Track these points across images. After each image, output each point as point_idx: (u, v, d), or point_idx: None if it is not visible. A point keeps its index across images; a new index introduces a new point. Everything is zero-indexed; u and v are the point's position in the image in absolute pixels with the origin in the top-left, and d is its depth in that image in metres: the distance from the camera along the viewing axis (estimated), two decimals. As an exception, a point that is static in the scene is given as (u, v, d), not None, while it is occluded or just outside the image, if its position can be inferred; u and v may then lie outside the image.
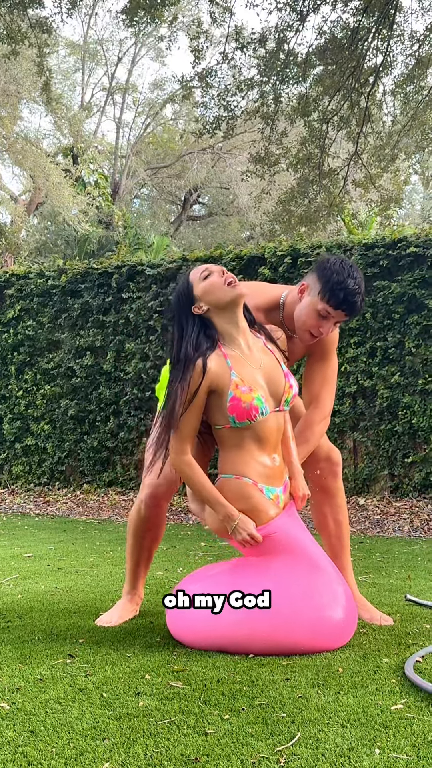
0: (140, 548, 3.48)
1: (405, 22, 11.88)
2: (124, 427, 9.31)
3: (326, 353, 3.44)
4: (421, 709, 2.24)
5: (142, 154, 23.89)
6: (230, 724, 2.14)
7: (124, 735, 2.07)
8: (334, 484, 3.47)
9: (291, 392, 3.08)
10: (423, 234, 8.02)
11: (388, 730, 2.09)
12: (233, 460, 3.02)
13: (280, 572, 2.91)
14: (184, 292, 3.07)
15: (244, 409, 2.94)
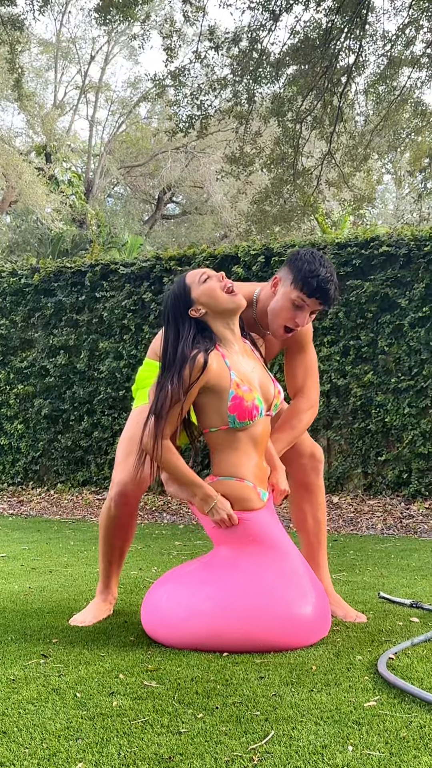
0: (111, 547, 3.47)
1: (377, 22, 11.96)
2: (98, 426, 9.29)
3: (303, 345, 3.45)
4: (394, 706, 2.26)
5: (116, 153, 23.83)
6: (204, 723, 2.14)
7: (98, 735, 2.07)
8: (317, 481, 3.48)
9: (279, 397, 3.14)
10: (395, 233, 8.06)
11: (361, 727, 2.10)
12: (233, 462, 3.03)
13: (251, 568, 2.92)
14: (180, 294, 3.07)
15: (246, 407, 2.96)
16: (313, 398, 3.43)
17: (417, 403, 7.71)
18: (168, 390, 2.94)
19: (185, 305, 3.05)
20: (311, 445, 3.47)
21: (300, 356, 3.46)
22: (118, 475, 3.35)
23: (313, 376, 3.47)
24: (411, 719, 2.15)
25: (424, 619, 3.38)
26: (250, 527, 2.99)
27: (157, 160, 23.47)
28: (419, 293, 7.67)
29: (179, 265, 8.92)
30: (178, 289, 3.09)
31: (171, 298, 3.09)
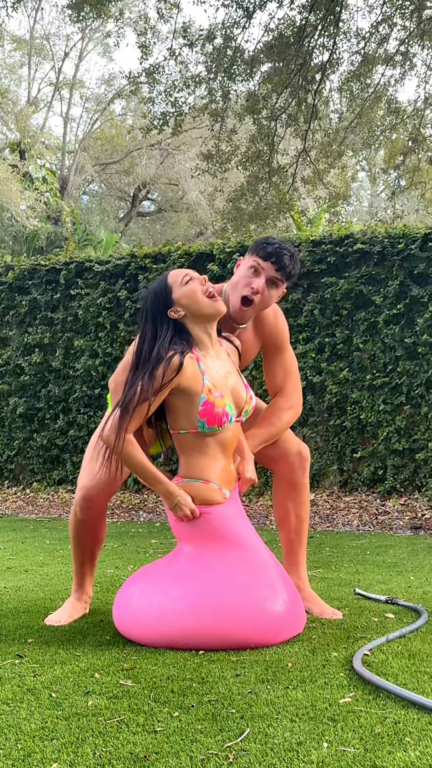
0: (82, 549, 3.46)
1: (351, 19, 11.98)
2: (74, 424, 9.26)
3: (280, 347, 3.45)
4: (369, 702, 2.27)
5: (91, 150, 23.74)
6: (180, 722, 2.14)
7: (73, 735, 2.07)
8: (302, 479, 3.47)
9: (251, 403, 3.14)
10: (369, 231, 8.09)
11: (336, 724, 2.10)
12: (199, 466, 3.04)
13: (219, 565, 2.92)
14: (161, 294, 3.05)
15: (216, 414, 2.96)
16: (295, 399, 3.44)
17: (392, 399, 7.74)
18: (138, 387, 2.93)
19: (165, 305, 3.04)
20: (298, 443, 3.47)
21: (278, 357, 3.46)
22: (82, 479, 3.35)
23: (293, 377, 3.47)
24: (386, 715, 2.16)
25: (399, 615, 3.40)
26: (211, 521, 3.00)
27: (132, 157, 23.40)
28: (393, 290, 7.71)
29: (154, 263, 8.91)
30: (159, 287, 3.07)
31: (151, 295, 3.08)
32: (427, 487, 7.54)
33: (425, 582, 4.29)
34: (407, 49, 11.31)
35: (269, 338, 3.42)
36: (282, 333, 3.44)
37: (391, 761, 1.87)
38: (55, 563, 5.09)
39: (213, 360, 3.08)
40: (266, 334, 3.41)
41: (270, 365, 3.48)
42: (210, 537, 2.99)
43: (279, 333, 3.43)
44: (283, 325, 3.44)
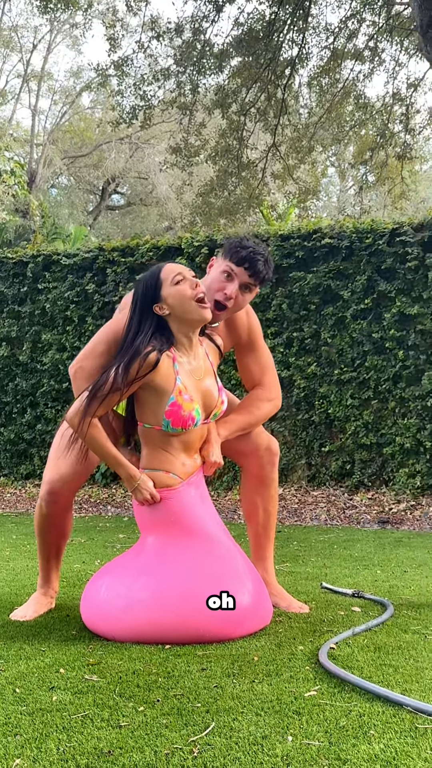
0: (47, 544, 3.44)
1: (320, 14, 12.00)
2: (42, 419, 9.21)
3: (253, 343, 3.43)
4: (334, 696, 2.27)
5: (59, 143, 23.60)
6: (145, 716, 2.13)
7: (37, 730, 2.05)
8: (271, 474, 3.46)
9: (221, 407, 3.13)
10: (337, 226, 8.11)
11: (302, 717, 2.10)
12: (159, 459, 3.04)
13: (185, 555, 2.92)
14: (151, 287, 3.02)
15: (182, 416, 2.96)
16: (275, 392, 3.44)
17: (359, 394, 7.78)
18: (111, 377, 2.92)
19: (152, 299, 3.01)
20: (268, 438, 3.46)
21: (252, 354, 3.44)
22: (48, 474, 3.32)
23: (269, 372, 3.46)
24: (351, 708, 2.16)
25: (365, 608, 3.41)
26: (172, 506, 3.00)
27: (101, 150, 23.29)
28: (361, 285, 7.74)
29: (122, 257, 8.88)
30: (150, 280, 3.03)
31: (141, 286, 3.05)
32: (395, 482, 7.58)
33: (391, 576, 4.32)
34: (376, 45, 11.35)
35: (242, 336, 3.41)
36: (255, 331, 3.43)
37: (355, 754, 1.87)
38: (22, 558, 5.06)
39: (190, 361, 3.06)
40: (239, 333, 3.39)
41: (244, 362, 3.46)
42: (172, 524, 2.98)
43: (252, 331, 3.42)
44: (255, 322, 3.43)
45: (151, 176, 22.73)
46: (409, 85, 11.85)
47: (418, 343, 7.52)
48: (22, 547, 5.56)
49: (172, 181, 21.03)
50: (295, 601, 3.44)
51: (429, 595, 3.73)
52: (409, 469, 7.51)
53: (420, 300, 7.54)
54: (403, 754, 1.87)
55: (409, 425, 7.51)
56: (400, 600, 3.61)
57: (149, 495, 2.98)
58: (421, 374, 7.53)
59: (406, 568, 4.59)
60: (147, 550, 3.01)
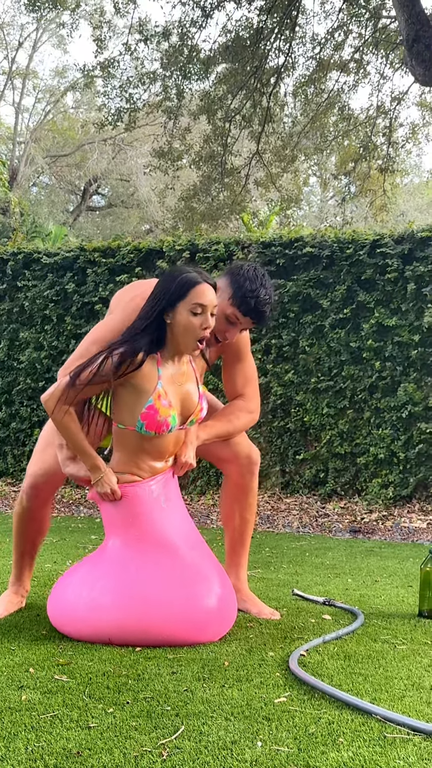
0: (24, 539, 3.43)
1: (307, 24, 12.07)
2: (16, 417, 9.16)
3: (241, 354, 3.44)
4: (304, 702, 2.28)
5: (42, 142, 23.52)
6: (114, 718, 2.13)
7: (5, 729, 2.04)
8: (251, 483, 3.45)
9: (199, 414, 3.11)
10: (319, 235, 8.14)
11: (271, 723, 2.11)
12: (128, 464, 3.03)
13: (148, 558, 2.91)
14: (174, 295, 2.93)
15: (157, 421, 2.94)
16: (253, 405, 3.42)
17: (335, 403, 7.81)
18: (95, 368, 2.92)
19: (167, 304, 2.94)
20: (249, 446, 3.44)
21: (238, 365, 3.44)
22: (32, 467, 3.31)
23: (252, 384, 3.46)
24: (320, 715, 2.17)
25: (335, 616, 3.42)
26: (132, 506, 2.99)
27: (83, 150, 23.25)
28: (341, 295, 7.77)
29: (103, 257, 8.86)
30: (177, 289, 2.93)
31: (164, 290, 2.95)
32: (367, 492, 7.62)
33: (362, 585, 4.33)
34: (362, 57, 11.42)
35: (230, 347, 3.41)
36: (244, 342, 3.44)
37: (324, 761, 1.88)
38: (-8, 557, 5.03)
39: (174, 366, 3.04)
40: (228, 345, 3.38)
41: (230, 372, 3.46)
42: (132, 526, 2.97)
43: (241, 343, 3.42)
44: (245, 334, 3.43)
45: (133, 179, 22.72)
46: (393, 99, 11.94)
47: (395, 354, 7.56)
48: (-7, 546, 5.53)
49: (154, 184, 21.04)
50: (266, 608, 3.44)
51: (399, 605, 3.75)
52: (382, 480, 7.55)
53: (398, 312, 7.59)
54: (371, 762, 1.88)
55: (384, 436, 7.55)
56: (370, 609, 3.62)
57: (110, 490, 2.98)
58: (397, 385, 7.57)
59: (377, 577, 4.61)
60: (108, 553, 3.01)
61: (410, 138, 12.68)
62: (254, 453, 3.45)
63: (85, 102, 23.69)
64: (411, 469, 7.50)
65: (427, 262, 7.47)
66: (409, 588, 4.23)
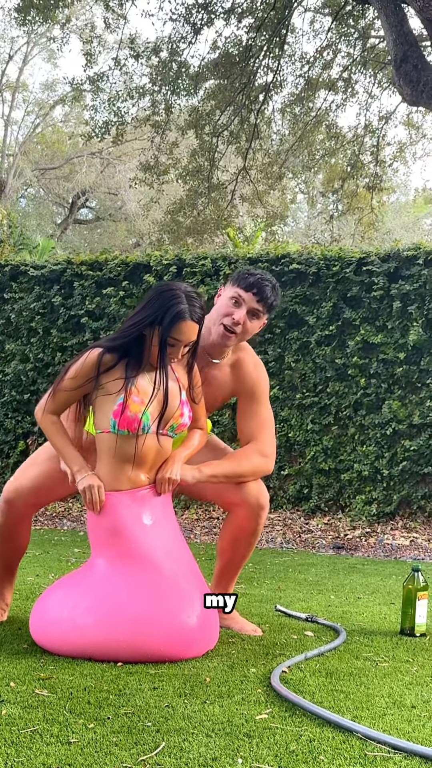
0: (0, 556, 3.40)
1: (296, 42, 12.15)
2: (1, 429, 9.14)
3: (256, 395, 3.36)
4: (285, 719, 2.28)
5: (30, 154, 23.55)
6: (95, 733, 2.12)
7: (-15, 744, 2.03)
8: (257, 528, 3.33)
9: (179, 420, 3.07)
10: (305, 251, 8.18)
11: (252, 740, 2.11)
12: (106, 475, 3.03)
13: (131, 575, 2.90)
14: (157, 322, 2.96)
15: (127, 417, 2.94)
16: (266, 448, 3.31)
17: (320, 419, 7.82)
18: (63, 374, 3.05)
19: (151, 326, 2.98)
20: (258, 492, 3.28)
21: (252, 407, 3.36)
22: (9, 482, 3.30)
23: (268, 430, 3.35)
24: (301, 732, 2.17)
25: (318, 633, 3.42)
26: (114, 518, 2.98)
27: (72, 164, 23.29)
28: (327, 312, 7.80)
29: (90, 270, 8.87)
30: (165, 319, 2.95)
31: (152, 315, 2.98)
32: (351, 508, 7.63)
33: (345, 601, 4.34)
34: (350, 76, 11.51)
35: (244, 386, 3.36)
36: (259, 384, 3.37)
37: (304, 778, 1.88)
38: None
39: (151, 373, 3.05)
40: (242, 381, 3.35)
41: (243, 413, 3.39)
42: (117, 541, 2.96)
43: (255, 384, 3.37)
44: (261, 377, 3.39)
45: (120, 192, 22.75)
46: (381, 118, 12.03)
47: (380, 371, 7.60)
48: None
49: (141, 198, 21.08)
50: (248, 624, 3.43)
51: (381, 622, 3.76)
52: (366, 496, 7.57)
53: (384, 329, 7.63)
54: (351, 779, 1.88)
55: (368, 452, 7.57)
56: (352, 626, 3.62)
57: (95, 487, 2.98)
58: (382, 402, 7.60)
59: (360, 594, 4.62)
60: (95, 569, 3.00)
61: (397, 157, 12.79)
62: (263, 498, 3.30)
63: (74, 116, 23.74)
64: (395, 486, 7.52)
65: (413, 280, 7.52)
66: (392, 605, 4.23)
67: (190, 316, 2.97)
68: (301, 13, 11.38)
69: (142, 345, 3.03)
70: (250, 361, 3.40)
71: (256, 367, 3.40)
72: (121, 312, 8.59)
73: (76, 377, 3.01)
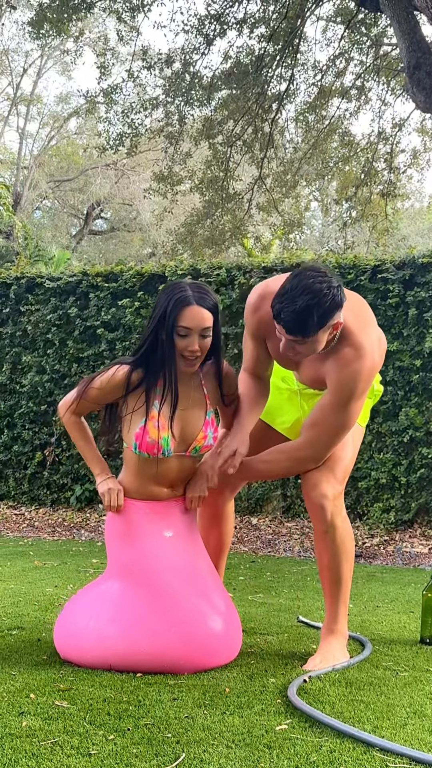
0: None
1: (309, 51, 12.18)
2: (18, 440, 9.16)
3: (334, 392, 3.02)
4: (305, 730, 2.27)
5: (45, 166, 23.68)
6: (115, 745, 2.12)
7: (6, 756, 2.03)
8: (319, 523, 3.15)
9: (202, 442, 3.03)
10: (320, 259, 8.17)
11: (272, 751, 2.10)
12: (128, 484, 3.07)
13: (153, 587, 2.91)
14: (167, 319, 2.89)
15: (147, 442, 2.94)
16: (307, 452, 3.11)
17: (337, 427, 7.80)
18: (100, 382, 3.02)
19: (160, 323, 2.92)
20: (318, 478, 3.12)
21: (324, 401, 3.05)
22: None
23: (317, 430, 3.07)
24: (321, 743, 2.16)
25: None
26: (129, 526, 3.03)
27: (86, 175, 23.39)
28: (342, 319, 7.79)
29: (106, 282, 8.90)
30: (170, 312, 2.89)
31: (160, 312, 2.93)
32: (369, 516, 7.60)
33: (364, 610, 4.32)
34: (363, 84, 11.52)
35: (329, 375, 3.03)
36: (339, 381, 3.01)
37: (325, 789, 1.87)
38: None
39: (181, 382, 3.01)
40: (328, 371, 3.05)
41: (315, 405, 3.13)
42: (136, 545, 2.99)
43: (336, 379, 3.02)
44: (350, 377, 3.00)
45: (135, 203, 22.83)
46: (395, 125, 12.03)
47: (397, 379, 7.58)
48: (-6, 570, 5.52)
49: (155, 208, 21.15)
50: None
51: (401, 631, 3.74)
52: (384, 504, 7.54)
53: (400, 337, 7.61)
54: (372, 790, 1.87)
55: (385, 460, 7.55)
56: (372, 635, 3.61)
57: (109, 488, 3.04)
58: (399, 410, 7.58)
59: (379, 602, 4.60)
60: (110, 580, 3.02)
61: (411, 164, 12.77)
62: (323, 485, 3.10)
63: (88, 128, 23.86)
64: (412, 494, 7.49)
65: (428, 287, 7.50)
66: (411, 614, 4.21)
67: (196, 301, 2.88)
68: (313, 22, 11.42)
69: (162, 352, 2.93)
70: (353, 358, 3.01)
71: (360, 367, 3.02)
72: (137, 322, 8.60)
73: (101, 390, 3.01)
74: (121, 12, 10.64)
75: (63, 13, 9.99)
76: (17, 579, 5.09)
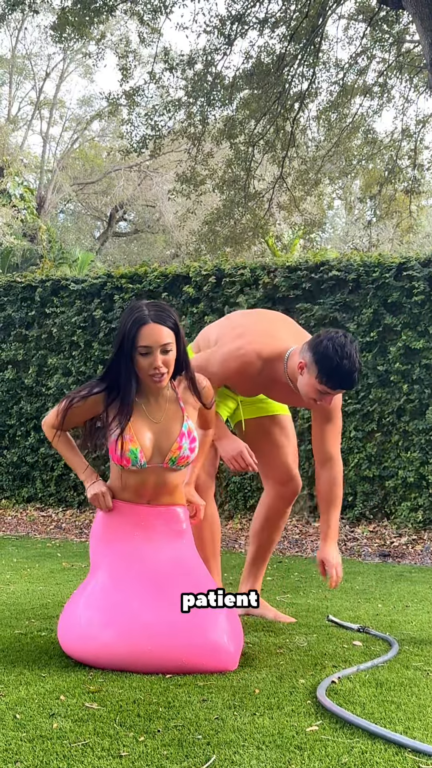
0: None
1: (331, 50, 12.15)
2: (45, 442, 9.20)
3: (332, 415, 3.67)
4: (336, 731, 2.26)
5: (69, 169, 23.77)
6: (145, 747, 2.12)
7: (37, 758, 2.04)
8: (285, 509, 3.97)
9: (178, 453, 3.09)
10: (344, 258, 8.14)
11: (303, 752, 2.09)
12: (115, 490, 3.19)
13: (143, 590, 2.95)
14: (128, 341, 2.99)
15: (116, 454, 3.06)
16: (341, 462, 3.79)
17: (363, 426, 7.77)
18: (75, 400, 3.12)
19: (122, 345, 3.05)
20: (291, 476, 3.99)
21: (328, 425, 3.70)
22: None
23: (338, 443, 3.77)
24: (353, 744, 2.15)
25: (366, 643, 3.39)
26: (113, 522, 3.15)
27: (109, 177, 23.46)
28: (367, 318, 7.76)
29: (130, 283, 8.92)
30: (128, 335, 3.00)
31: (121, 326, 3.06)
32: (396, 515, 7.56)
33: (393, 610, 4.30)
34: (385, 81, 11.47)
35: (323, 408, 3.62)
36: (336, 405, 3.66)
37: (357, 790, 1.86)
38: (22, 581, 5.04)
39: (148, 401, 3.11)
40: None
41: (319, 431, 3.73)
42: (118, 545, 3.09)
43: (335, 406, 3.66)
44: (338, 397, 3.62)
45: (158, 204, 22.87)
46: (418, 122, 11.97)
47: (423, 377, 7.53)
48: (23, 571, 5.55)
49: (178, 209, 21.18)
50: (281, 614, 3.66)
51: (431, 631, 3.72)
52: (411, 503, 7.50)
53: (426, 334, 7.56)
54: (405, 791, 1.86)
55: (412, 459, 7.51)
56: (401, 635, 3.59)
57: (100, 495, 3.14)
58: (425, 408, 7.53)
59: (408, 602, 4.58)
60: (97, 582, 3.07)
61: (436, 160, 12.70)
62: (294, 483, 3.98)
63: (111, 130, 23.94)
64: (440, 493, 7.44)
65: (454, 284, 7.45)
66: (441, 613, 4.19)
67: (153, 319, 2.98)
68: (335, 20, 11.37)
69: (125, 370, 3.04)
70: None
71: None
72: (162, 323, 8.61)
73: (80, 408, 3.13)
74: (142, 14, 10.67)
75: (85, 16, 10.02)
76: (45, 581, 5.11)
